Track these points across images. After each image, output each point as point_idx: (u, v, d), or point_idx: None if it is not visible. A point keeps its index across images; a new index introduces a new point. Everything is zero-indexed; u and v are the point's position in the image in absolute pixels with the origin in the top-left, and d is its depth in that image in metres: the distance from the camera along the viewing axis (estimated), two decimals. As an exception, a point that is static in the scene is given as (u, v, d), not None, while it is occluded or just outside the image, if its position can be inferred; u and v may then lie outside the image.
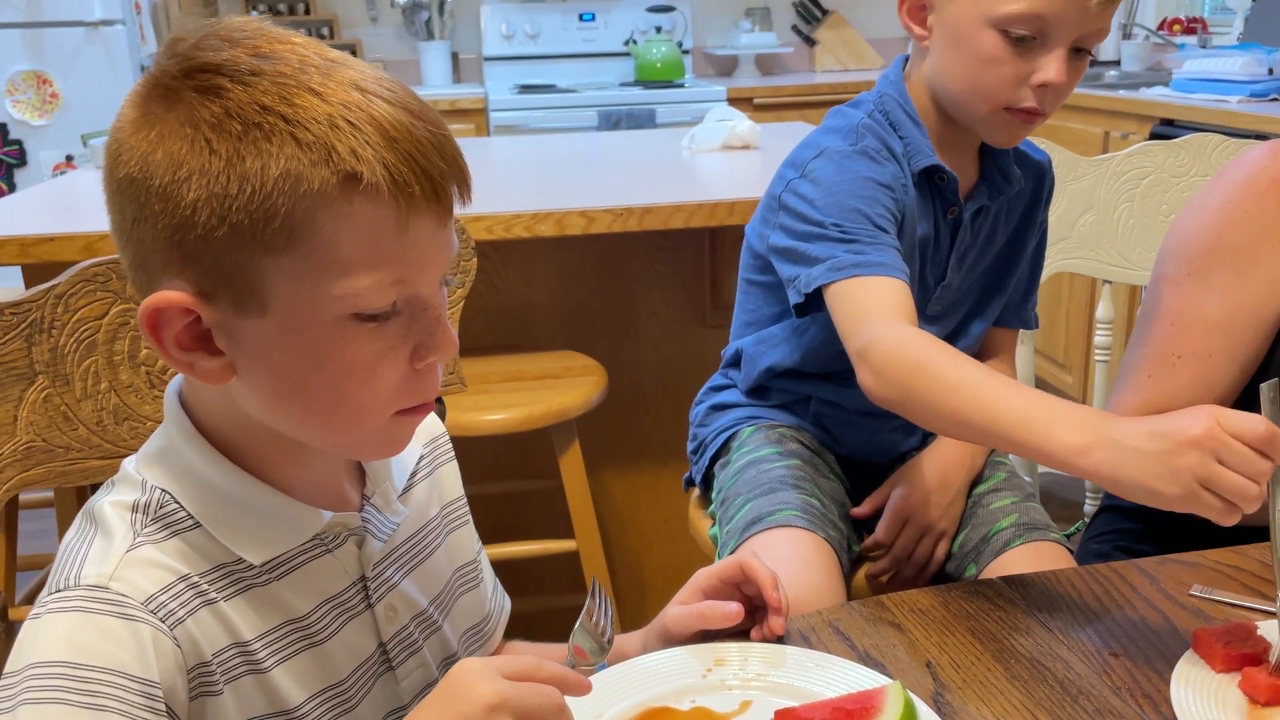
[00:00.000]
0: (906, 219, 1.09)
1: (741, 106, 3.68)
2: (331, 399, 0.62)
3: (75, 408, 0.94)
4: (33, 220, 1.67)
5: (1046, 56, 1.01)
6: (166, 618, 0.62)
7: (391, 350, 0.62)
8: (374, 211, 0.59)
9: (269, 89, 0.57)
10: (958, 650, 0.77)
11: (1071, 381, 3.02)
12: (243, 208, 0.57)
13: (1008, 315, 1.25)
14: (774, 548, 1.04)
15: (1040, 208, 1.22)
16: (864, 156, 1.07)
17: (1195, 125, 2.55)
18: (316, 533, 0.69)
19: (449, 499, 0.83)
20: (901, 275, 1.01)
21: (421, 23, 4.02)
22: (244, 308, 0.60)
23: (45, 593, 0.62)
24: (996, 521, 1.12)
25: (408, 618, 0.75)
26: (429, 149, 0.60)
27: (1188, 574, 0.86)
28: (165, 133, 0.58)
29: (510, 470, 1.88)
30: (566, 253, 1.91)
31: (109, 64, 3.28)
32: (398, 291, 0.61)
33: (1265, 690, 0.68)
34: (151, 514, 0.64)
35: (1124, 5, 3.75)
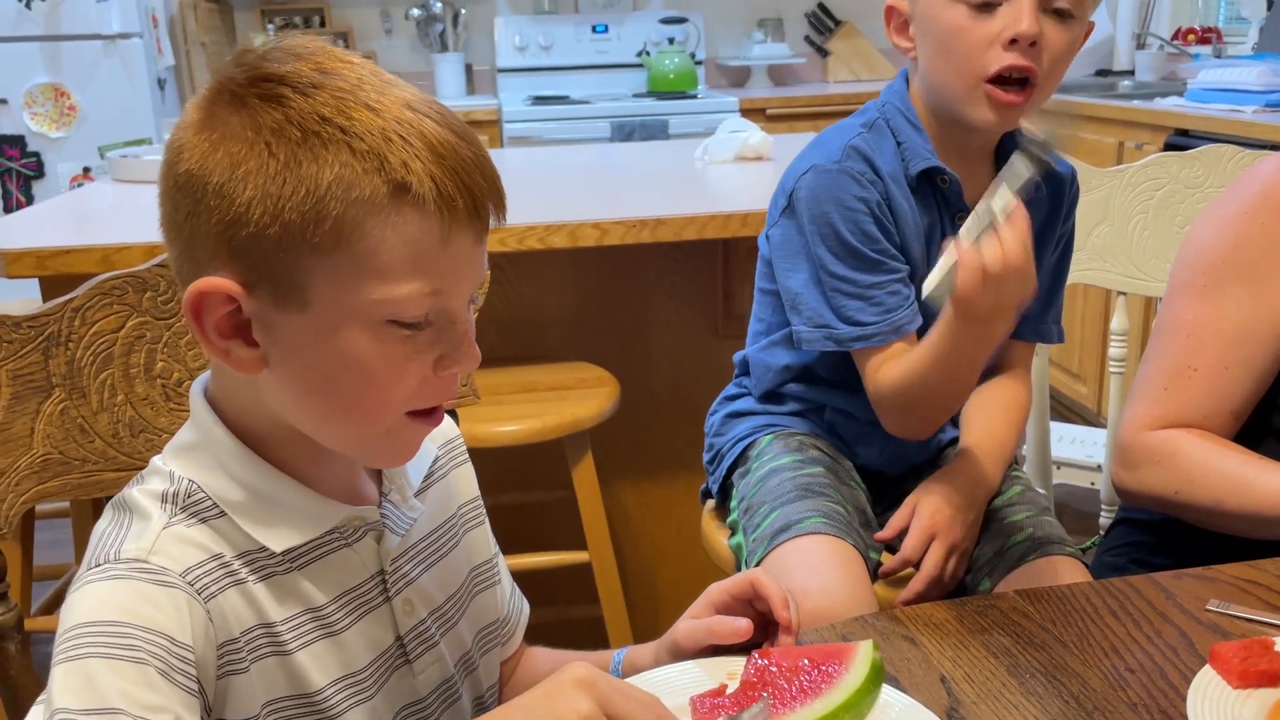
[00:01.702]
0: (905, 233, 1.11)
1: (754, 117, 3.68)
2: (353, 397, 0.65)
3: (91, 420, 0.95)
4: (50, 233, 1.68)
5: (1013, 11, 1.01)
6: (201, 591, 0.65)
7: (418, 355, 0.65)
8: (419, 222, 0.62)
9: (328, 101, 0.61)
10: (972, 665, 0.76)
11: (1086, 392, 3.01)
12: (295, 208, 0.60)
13: (1025, 328, 1.23)
14: (804, 555, 1.04)
15: (1060, 219, 1.21)
16: (847, 177, 1.10)
17: (1210, 135, 2.54)
18: (336, 525, 0.71)
19: (465, 499, 0.85)
20: (896, 336, 1.10)
21: (436, 35, 4.04)
22: (284, 302, 0.63)
23: (83, 569, 0.65)
24: (1011, 535, 1.11)
25: (424, 613, 0.77)
26: (472, 167, 0.63)
27: (1204, 588, 0.86)
28: (227, 134, 0.61)
29: (523, 481, 1.88)
30: (579, 263, 1.91)
31: (126, 77, 3.30)
32: (433, 302, 0.64)
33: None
34: (180, 503, 0.67)
35: (1138, 14, 3.75)
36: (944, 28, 1.05)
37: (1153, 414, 1.06)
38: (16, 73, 3.25)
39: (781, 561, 1.06)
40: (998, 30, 1.02)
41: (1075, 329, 3.00)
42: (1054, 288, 1.24)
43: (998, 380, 1.23)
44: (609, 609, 1.76)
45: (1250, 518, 0.98)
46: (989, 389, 1.22)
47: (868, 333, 1.10)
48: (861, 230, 1.09)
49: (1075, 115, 3.09)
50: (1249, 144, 2.37)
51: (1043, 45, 1.03)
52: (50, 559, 2.05)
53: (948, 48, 1.06)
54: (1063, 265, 1.24)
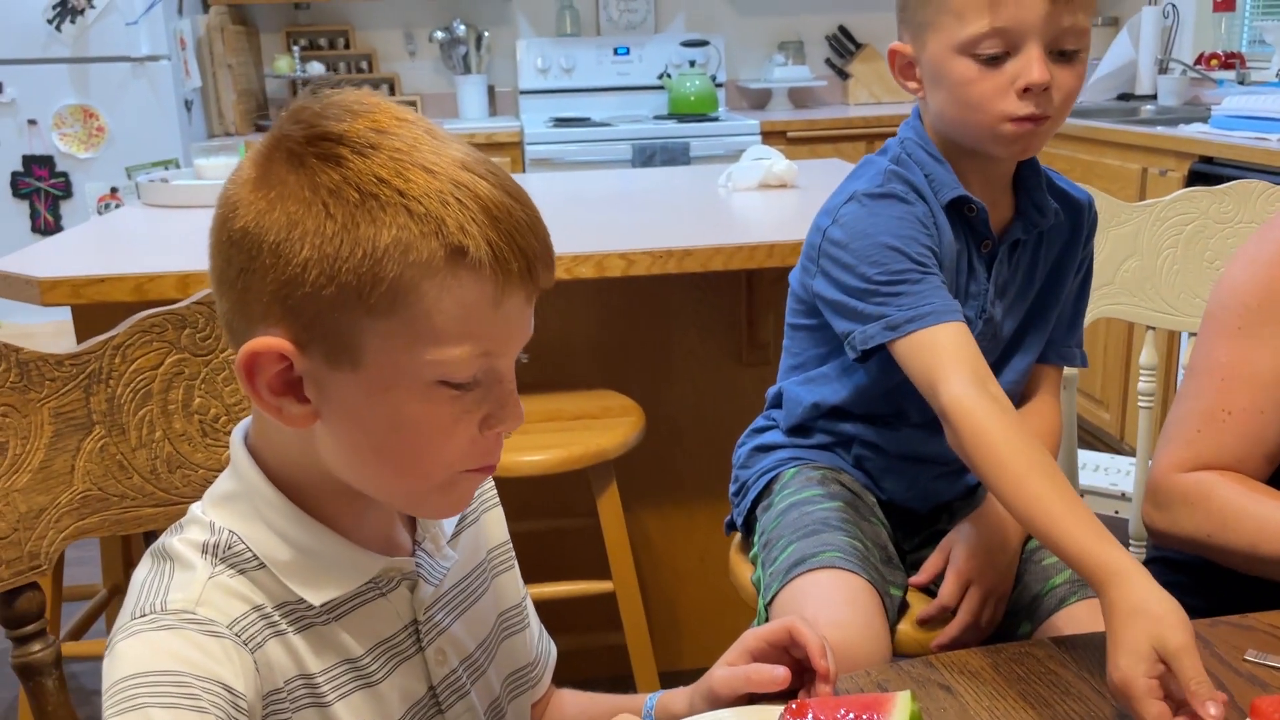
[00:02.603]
0: (944, 253, 1.10)
1: (775, 140, 3.69)
2: (405, 455, 0.66)
3: (130, 457, 0.96)
4: (82, 260, 1.70)
5: (1023, 62, 1.03)
6: (248, 641, 0.65)
7: (466, 415, 0.65)
8: (475, 285, 0.62)
9: (385, 162, 0.61)
10: (1009, 715, 0.76)
11: (1109, 419, 2.99)
12: (353, 270, 0.60)
13: (1050, 352, 1.24)
14: (818, 588, 1.04)
15: (1080, 244, 1.22)
16: (892, 198, 1.09)
17: (1235, 163, 2.53)
18: (372, 577, 0.71)
19: (495, 544, 0.85)
20: (955, 316, 1.03)
21: (459, 57, 4.07)
22: (337, 362, 0.63)
23: (126, 619, 0.65)
24: (1050, 578, 1.10)
25: (456, 661, 0.77)
26: (526, 230, 0.63)
27: (1241, 637, 0.85)
28: (285, 194, 0.61)
29: (547, 509, 1.89)
30: (604, 292, 1.92)
31: (154, 98, 3.34)
32: (483, 363, 0.64)
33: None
34: (220, 554, 0.67)
35: (1160, 40, 3.74)
36: (954, 79, 1.06)
37: (1185, 456, 1.06)
38: (46, 94, 3.30)
39: (796, 595, 1.05)
40: (1009, 80, 1.04)
41: (1098, 355, 2.99)
42: (1076, 313, 1.25)
43: (1028, 409, 1.23)
44: (632, 637, 1.76)
45: None
46: (1027, 415, 1.22)
47: (922, 310, 1.03)
48: (918, 241, 1.07)
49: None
50: (1275, 172, 2.37)
51: (1053, 88, 1.05)
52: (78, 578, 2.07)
53: (960, 98, 1.07)
54: (1084, 290, 1.25)
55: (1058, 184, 1.20)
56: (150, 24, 3.29)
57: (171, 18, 3.42)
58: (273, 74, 4.06)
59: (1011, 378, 1.22)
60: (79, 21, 3.25)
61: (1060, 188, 1.20)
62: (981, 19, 1.02)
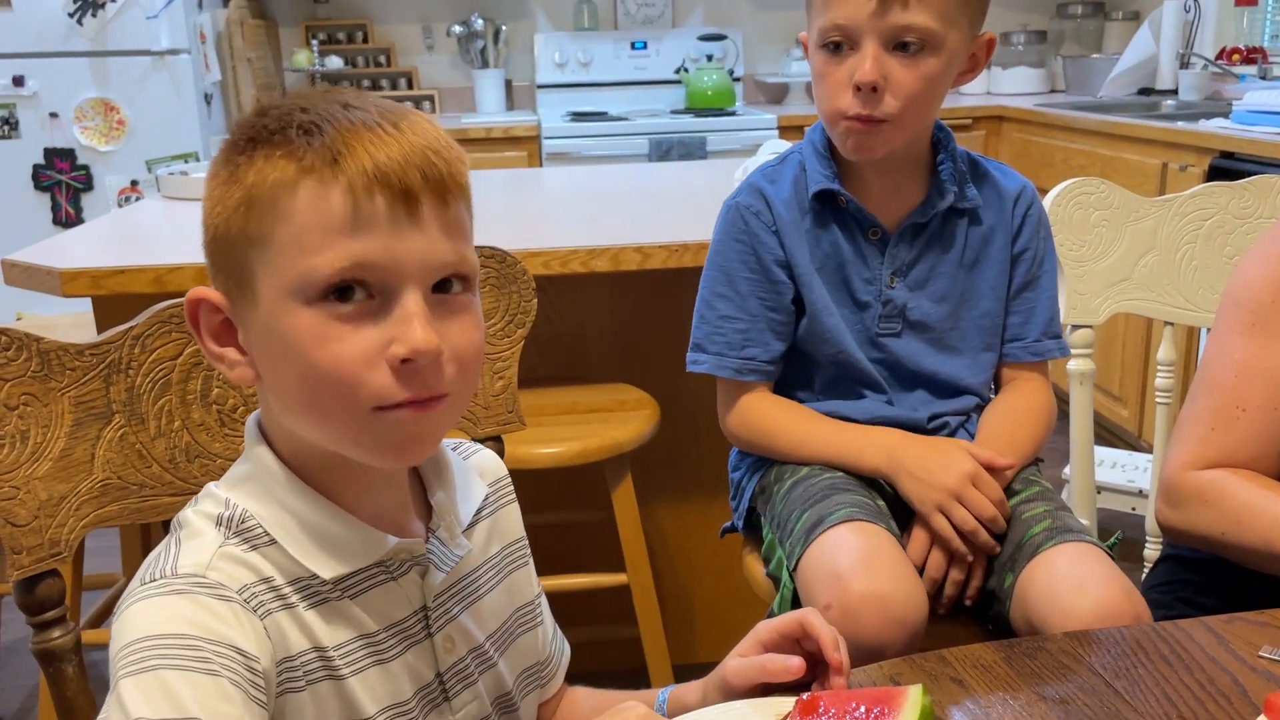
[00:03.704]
0: (811, 245, 1.20)
1: (792, 134, 3.68)
2: (304, 384, 0.65)
3: (149, 446, 0.97)
4: (102, 252, 1.72)
5: (857, 58, 1.09)
6: (258, 608, 0.66)
7: (356, 334, 0.64)
8: (321, 191, 0.64)
9: (277, 117, 0.66)
10: (1022, 710, 0.76)
11: (1127, 415, 2.98)
12: (233, 205, 0.66)
13: (1019, 350, 1.26)
14: (842, 543, 1.05)
15: (1007, 231, 1.23)
16: (728, 239, 1.24)
17: (1256, 158, 2.51)
18: (382, 559, 0.72)
19: (510, 539, 0.85)
20: (762, 365, 1.23)
21: (476, 51, 4.08)
22: (245, 300, 0.68)
23: (136, 584, 0.66)
24: (1030, 528, 1.11)
25: (464, 650, 0.77)
26: (390, 144, 0.65)
27: (1257, 634, 0.85)
28: (210, 174, 0.70)
29: (561, 502, 1.89)
30: (620, 285, 1.92)
31: (174, 92, 3.36)
32: (357, 272, 0.64)
33: None
34: (233, 528, 0.69)
35: (1181, 34, 3.71)
36: (814, 69, 1.15)
37: (1199, 453, 1.05)
38: (67, 87, 3.33)
39: (820, 553, 1.06)
40: (848, 75, 1.10)
41: (1116, 351, 2.97)
42: (1037, 307, 1.25)
43: (1009, 390, 1.26)
44: (646, 630, 1.76)
45: None
46: (1001, 398, 1.26)
47: (722, 364, 1.23)
48: (744, 263, 1.22)
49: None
50: (1297, 168, 2.34)
51: (889, 87, 1.09)
52: (98, 568, 2.08)
53: (816, 92, 1.16)
54: (1042, 283, 1.25)
55: (989, 171, 1.25)
56: (170, 18, 3.31)
57: (191, 12, 3.44)
58: (292, 68, 4.08)
59: (965, 364, 1.23)
60: (100, 15, 3.27)
61: (990, 175, 1.24)
62: (824, 12, 1.10)
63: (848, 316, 1.21)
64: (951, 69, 1.13)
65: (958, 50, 1.12)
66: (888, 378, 1.23)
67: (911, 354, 1.22)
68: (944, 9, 1.08)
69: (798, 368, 1.25)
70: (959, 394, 1.24)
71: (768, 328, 1.22)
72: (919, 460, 1.13)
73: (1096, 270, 1.42)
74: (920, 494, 1.11)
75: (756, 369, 1.22)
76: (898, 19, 1.07)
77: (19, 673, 2.20)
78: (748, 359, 1.22)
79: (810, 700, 0.72)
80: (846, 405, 1.23)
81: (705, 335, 1.25)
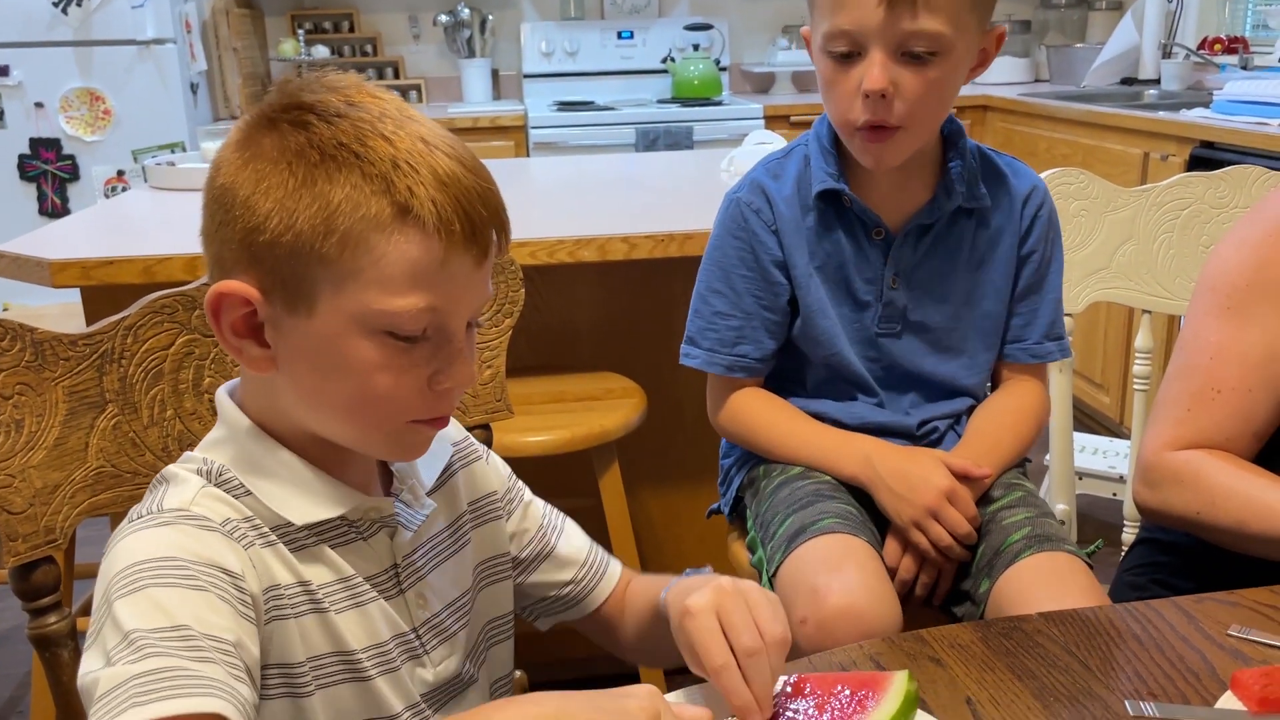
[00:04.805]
0: (810, 246, 1.19)
1: (778, 124, 3.70)
2: (354, 402, 0.70)
3: (142, 434, 0.98)
4: (91, 243, 1.72)
5: (864, 67, 1.06)
6: (240, 539, 0.70)
7: (414, 368, 0.70)
8: (421, 242, 0.67)
9: (348, 129, 0.67)
10: (997, 687, 0.78)
11: (1108, 401, 3.01)
12: (308, 220, 0.67)
13: (1019, 351, 1.24)
14: (821, 555, 1.07)
15: (1015, 232, 1.21)
16: (728, 235, 1.21)
17: (1236, 148, 2.54)
18: (352, 516, 0.76)
19: (482, 493, 0.89)
20: (753, 364, 1.23)
21: (463, 40, 4.07)
22: (294, 308, 0.69)
23: (124, 524, 0.70)
24: (1009, 535, 1.12)
25: (439, 606, 0.81)
26: (474, 197, 0.69)
27: (1226, 613, 0.87)
28: (258, 154, 0.68)
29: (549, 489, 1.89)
30: (608, 275, 1.93)
31: (160, 81, 3.36)
32: (429, 318, 0.69)
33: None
34: (212, 479, 0.72)
35: (1163, 23, 3.74)
36: (822, 75, 1.11)
37: (1175, 434, 1.07)
38: (52, 77, 3.31)
39: (799, 563, 1.08)
40: (857, 84, 1.07)
41: (1098, 339, 3.00)
42: (1041, 307, 1.23)
43: (1003, 389, 1.26)
44: (634, 616, 1.78)
45: (1273, 541, 0.99)
46: (994, 399, 1.25)
47: (729, 363, 1.22)
48: (742, 260, 1.20)
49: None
50: (1274, 157, 2.37)
51: (898, 94, 1.06)
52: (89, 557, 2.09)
53: (826, 94, 1.12)
54: (1047, 284, 1.23)
55: (1000, 168, 1.21)
56: (155, 7, 3.30)
57: (177, 1, 3.43)
58: (278, 57, 4.07)
59: (964, 364, 1.22)
60: (84, 4, 3.26)
61: (1001, 172, 1.21)
62: (830, 18, 1.06)
63: (847, 316, 1.20)
64: (962, 69, 1.09)
65: (968, 49, 1.08)
66: (882, 379, 1.22)
67: (909, 355, 1.21)
68: (953, 13, 1.04)
69: (791, 365, 1.25)
70: (954, 395, 1.24)
71: (762, 326, 1.21)
72: (896, 473, 1.12)
73: (1076, 259, 1.45)
74: (897, 508, 1.12)
75: (748, 366, 1.23)
76: (906, 26, 1.03)
77: (10, 661, 2.21)
78: (739, 356, 1.22)
79: (798, 683, 0.74)
80: (836, 407, 1.23)
81: (699, 330, 1.25)
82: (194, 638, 0.62)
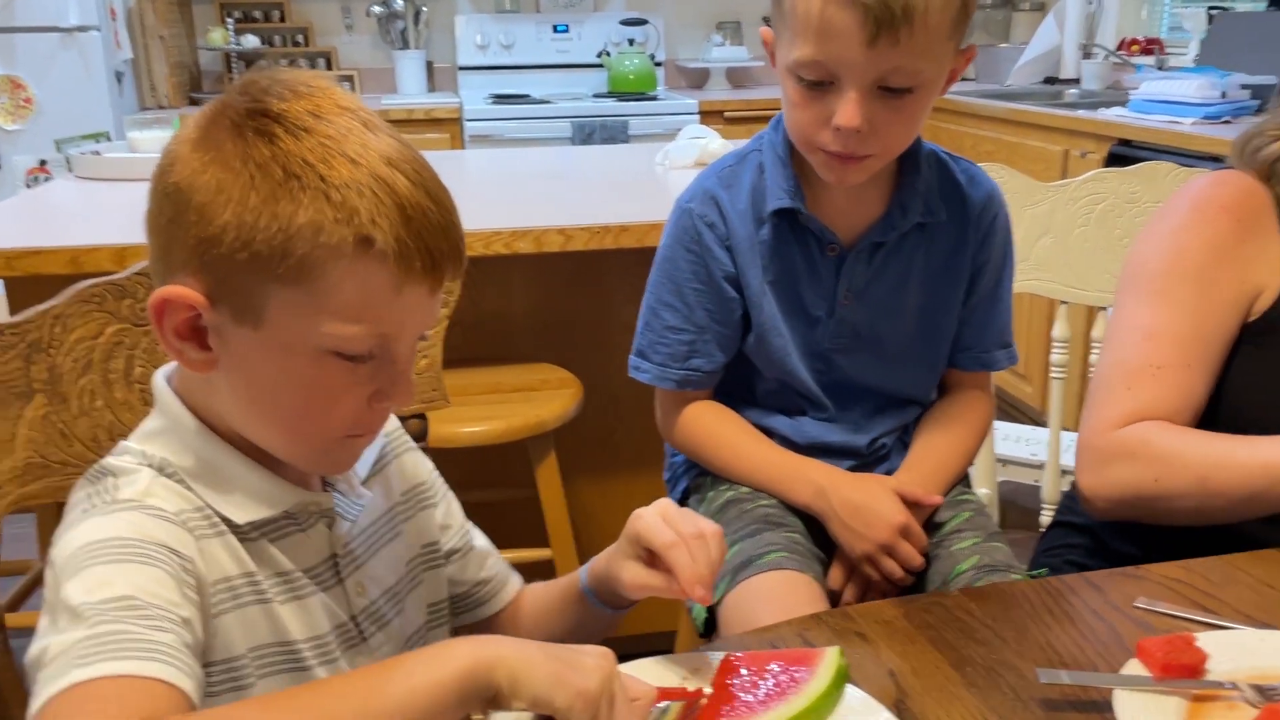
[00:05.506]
0: (764, 261, 1.15)
1: (713, 119, 3.74)
2: (293, 415, 0.71)
3: (72, 424, 0.97)
4: (16, 232, 1.69)
5: (840, 100, 0.99)
6: (193, 530, 0.70)
7: (357, 386, 0.71)
8: (379, 274, 0.67)
9: (314, 147, 0.66)
10: (919, 659, 0.82)
11: (1031, 391, 3.10)
12: (266, 240, 0.65)
13: (965, 358, 1.23)
14: (767, 592, 1.06)
15: (969, 245, 1.18)
16: (680, 246, 1.17)
17: (1151, 146, 2.63)
18: (291, 510, 0.76)
19: (411, 484, 0.90)
20: (705, 377, 1.20)
21: (397, 32, 4.04)
22: (241, 318, 0.68)
23: (76, 513, 0.69)
24: (958, 564, 1.12)
25: (377, 593, 0.82)
26: (437, 231, 0.68)
27: (1133, 586, 0.92)
28: (219, 159, 0.67)
29: (486, 480, 1.92)
30: (543, 267, 1.94)
31: (84, 69, 3.28)
32: (377, 342, 0.69)
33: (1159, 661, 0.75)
34: (155, 472, 0.72)
35: (1085, 25, 3.85)
36: (789, 95, 1.05)
37: (1119, 412, 1.06)
38: (-30, 64, 3.22)
39: (745, 597, 1.07)
40: (828, 113, 1.01)
41: (1022, 331, 3.08)
42: (992, 315, 1.22)
43: (948, 399, 1.25)
44: (570, 605, 1.80)
45: (1237, 492, 0.98)
46: (938, 408, 1.24)
47: (680, 377, 1.19)
48: (694, 274, 1.17)
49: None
50: (1187, 155, 2.47)
51: (873, 129, 1.00)
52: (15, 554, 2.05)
53: (790, 115, 1.07)
54: (997, 292, 1.22)
55: (956, 177, 1.18)
56: (79, -7, 3.23)
57: (101, -13, 3.35)
58: (206, 46, 3.99)
59: (907, 383, 1.22)
60: (4, -11, 3.17)
61: (957, 181, 1.17)
62: (807, 45, 0.98)
63: (799, 331, 1.17)
64: (936, 94, 1.05)
65: (942, 75, 1.03)
66: (832, 392, 1.20)
67: (860, 369, 1.19)
68: (932, 46, 0.98)
69: (740, 376, 1.23)
70: (904, 405, 1.23)
71: (714, 340, 1.18)
72: (849, 506, 1.11)
73: (997, 252, 1.49)
74: (850, 542, 1.11)
75: (699, 381, 1.20)
76: (886, 62, 0.96)
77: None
78: (692, 370, 1.19)
79: (731, 662, 0.76)
80: (786, 424, 1.21)
81: (649, 344, 1.21)
82: (143, 606, 0.62)
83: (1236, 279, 1.08)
